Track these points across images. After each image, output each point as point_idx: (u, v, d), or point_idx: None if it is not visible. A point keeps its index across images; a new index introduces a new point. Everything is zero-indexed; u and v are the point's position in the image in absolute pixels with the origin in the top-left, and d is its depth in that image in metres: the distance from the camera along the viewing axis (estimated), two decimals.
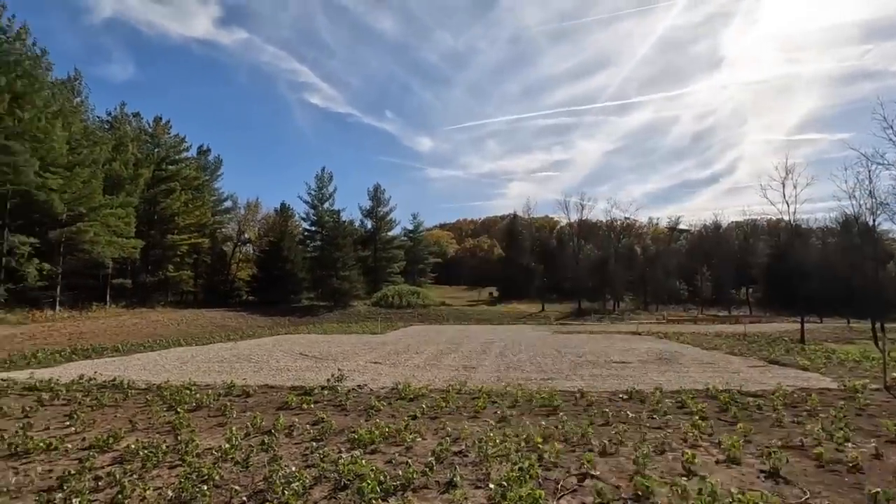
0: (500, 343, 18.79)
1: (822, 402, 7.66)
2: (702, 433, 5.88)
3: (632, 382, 9.40)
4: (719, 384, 8.94)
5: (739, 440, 5.34)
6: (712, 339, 19.68)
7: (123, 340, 22.87)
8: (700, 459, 4.88)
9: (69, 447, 5.45)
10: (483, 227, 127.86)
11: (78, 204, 29.58)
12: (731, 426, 6.31)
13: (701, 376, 10.35)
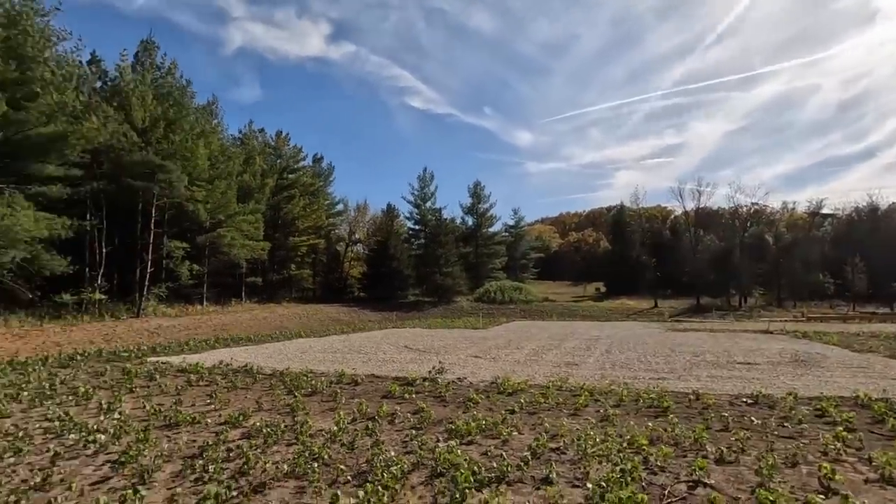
0: (606, 340, 17.90)
1: None
2: (847, 446, 5.06)
3: (759, 386, 8.38)
4: (873, 392, 7.62)
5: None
6: (867, 339, 16.83)
7: (255, 331, 25.75)
8: (843, 476, 4.20)
9: (209, 422, 6.27)
10: (588, 219, 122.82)
11: (217, 212, 33.80)
12: (887, 441, 5.35)
13: (849, 382, 8.91)
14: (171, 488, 4.15)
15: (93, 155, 25.86)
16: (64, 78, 22.96)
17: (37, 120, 19.79)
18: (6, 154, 21.02)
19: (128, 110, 27.81)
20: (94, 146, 24.93)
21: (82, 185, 25.16)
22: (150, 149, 27.94)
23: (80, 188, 24.92)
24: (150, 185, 27.79)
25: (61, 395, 7.94)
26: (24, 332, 19.73)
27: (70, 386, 8.71)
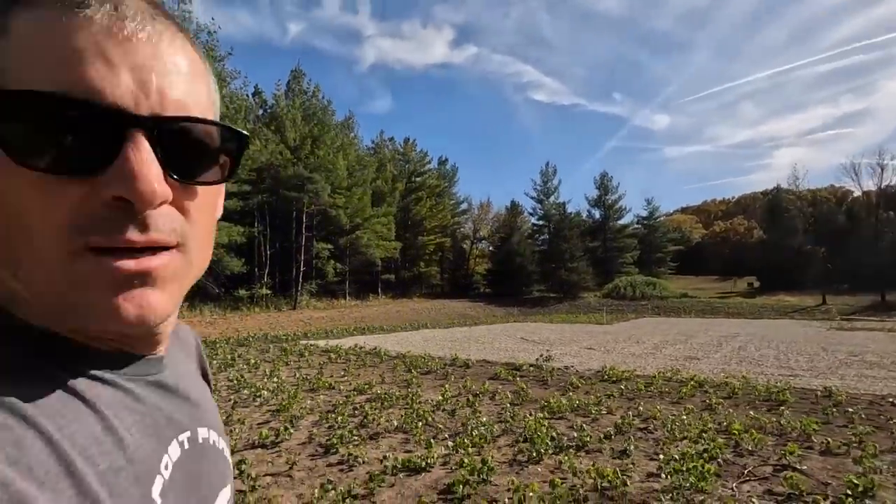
0: (745, 337, 16.30)
1: None
2: None
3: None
4: None
5: None
6: None
7: (388, 323, 28.28)
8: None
9: (341, 388, 7.55)
10: (738, 206, 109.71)
11: (355, 216, 37.65)
12: None
13: None
14: (310, 430, 5.32)
15: (257, 172, 30.78)
16: (236, 111, 27.78)
17: None
18: None
19: (282, 132, 32.52)
20: (258, 165, 29.66)
21: (251, 198, 30.10)
22: (300, 163, 32.31)
23: (249, 201, 29.86)
24: (301, 195, 32.11)
25: (238, 364, 10.08)
26: (213, 319, 24.41)
27: (244, 359, 10.94)
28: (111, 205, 0.31)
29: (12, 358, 0.32)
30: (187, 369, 0.50)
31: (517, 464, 4.31)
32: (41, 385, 0.32)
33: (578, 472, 3.90)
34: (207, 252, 0.39)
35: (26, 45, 0.31)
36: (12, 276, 0.32)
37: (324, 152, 33.93)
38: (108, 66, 0.31)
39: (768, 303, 43.99)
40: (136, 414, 0.37)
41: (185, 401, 0.44)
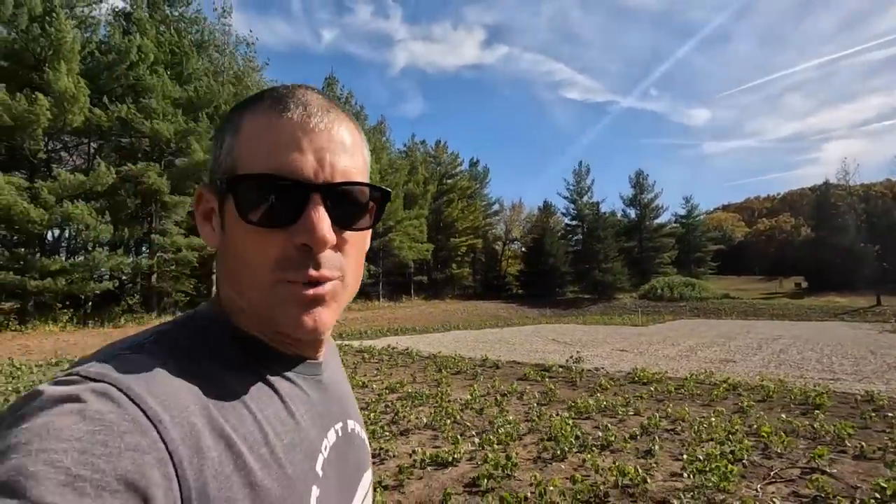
0: (787, 340, 15.73)
1: None
2: None
3: None
4: None
5: None
6: None
7: (421, 324, 28.61)
8: None
9: (374, 387, 7.84)
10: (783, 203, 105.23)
11: (388, 219, 38.24)
12: None
13: None
14: None
15: None
16: None
17: None
18: None
19: None
20: None
21: None
22: None
23: None
24: None
25: None
26: None
27: None
28: (299, 249, 0.45)
29: (235, 356, 0.47)
30: (338, 371, 0.64)
31: (541, 461, 4.44)
32: (250, 376, 0.46)
33: (601, 469, 4.00)
34: (359, 278, 0.52)
35: (250, 140, 0.46)
36: (238, 294, 0.48)
37: None
38: (299, 151, 0.45)
39: (817, 304, 42.00)
40: (306, 404, 0.51)
41: (337, 397, 0.58)
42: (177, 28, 25.09)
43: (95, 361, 0.39)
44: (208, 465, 0.37)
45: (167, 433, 0.35)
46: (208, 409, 0.40)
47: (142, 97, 21.32)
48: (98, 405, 0.33)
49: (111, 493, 0.30)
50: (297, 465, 0.45)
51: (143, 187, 20.97)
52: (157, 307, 23.44)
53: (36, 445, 0.30)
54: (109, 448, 0.31)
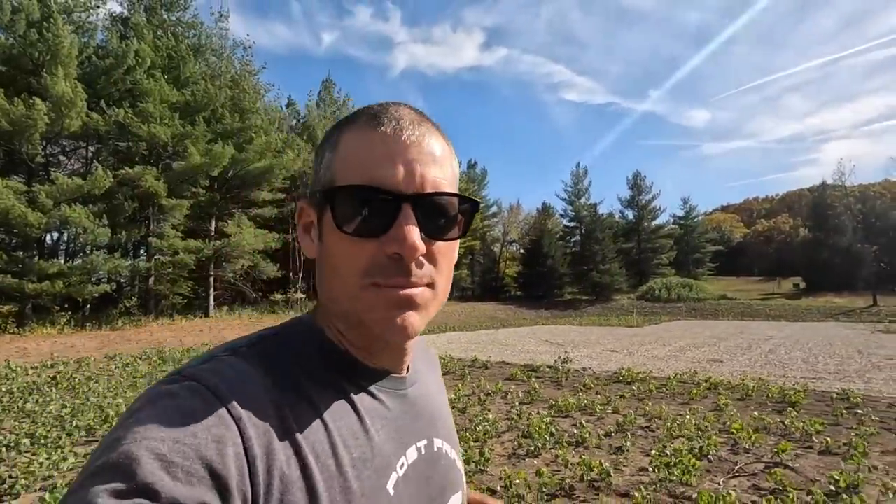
0: (778, 340, 15.85)
1: None
2: None
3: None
4: None
5: None
6: None
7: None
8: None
9: None
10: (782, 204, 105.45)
11: None
12: None
13: None
14: None
15: (291, 180, 31.90)
16: (270, 122, 28.98)
17: (253, 158, 25.44)
18: (235, 186, 27.44)
19: (314, 141, 33.58)
20: (292, 173, 30.71)
21: (285, 206, 31.21)
22: None
23: (283, 208, 30.95)
24: None
25: None
26: (251, 322, 25.46)
27: None
28: (391, 257, 0.46)
29: (319, 367, 0.49)
30: (431, 387, 0.63)
31: (515, 457, 4.57)
32: (330, 387, 0.48)
33: (570, 464, 4.13)
34: (447, 288, 0.53)
35: (346, 155, 0.48)
36: (332, 301, 0.50)
37: None
38: (391, 163, 0.46)
39: (814, 304, 42.10)
40: (384, 419, 0.51)
41: (424, 414, 0.57)
42: (174, 32, 25.28)
43: (196, 363, 0.44)
44: (276, 467, 0.39)
45: (245, 430, 0.38)
46: (283, 414, 0.42)
47: (139, 101, 21.50)
48: (190, 402, 0.38)
49: (198, 479, 0.34)
50: (364, 480, 0.45)
51: (141, 191, 21.12)
52: (155, 309, 23.57)
53: (140, 434, 0.35)
54: (198, 439, 0.36)
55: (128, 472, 0.33)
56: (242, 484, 0.36)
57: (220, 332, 20.31)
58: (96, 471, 0.34)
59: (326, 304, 0.52)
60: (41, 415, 6.14)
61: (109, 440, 0.36)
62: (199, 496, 0.34)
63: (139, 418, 0.37)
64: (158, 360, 11.35)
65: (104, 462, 0.34)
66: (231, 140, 24.56)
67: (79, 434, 5.38)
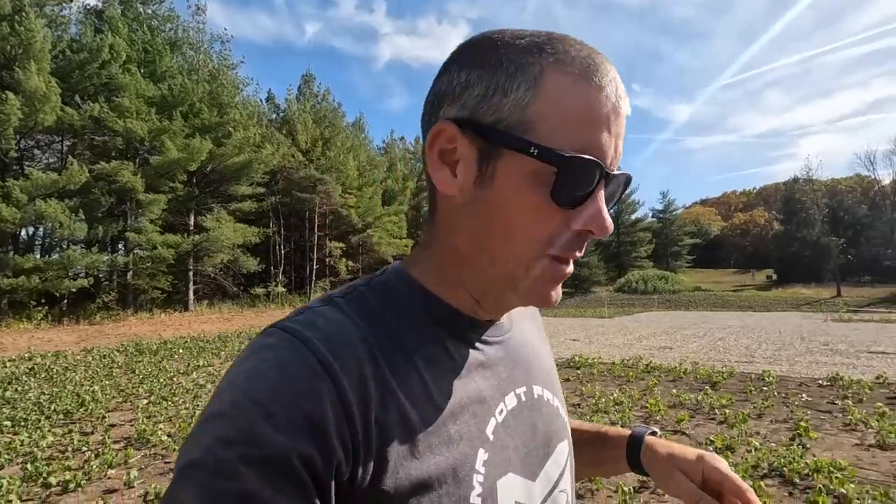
0: (735, 329, 16.75)
1: None
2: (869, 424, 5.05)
3: (858, 372, 7.84)
4: None
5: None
6: None
7: None
8: (818, 435, 4.48)
9: None
10: (759, 198, 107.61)
11: (366, 215, 38.70)
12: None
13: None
14: None
15: (271, 175, 32.00)
16: (248, 117, 29.05)
17: (231, 152, 25.56)
18: (213, 180, 27.54)
19: (294, 135, 33.71)
20: (271, 168, 30.84)
21: (265, 200, 31.34)
22: (312, 165, 33.46)
23: (263, 202, 31.09)
24: (312, 196, 33.28)
25: None
26: (231, 316, 25.72)
27: None
28: (579, 233, 0.44)
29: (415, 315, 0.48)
30: (528, 335, 0.61)
31: None
32: (426, 335, 0.47)
33: None
34: None
35: (559, 105, 0.42)
36: (482, 253, 0.46)
37: (335, 154, 35.02)
38: (609, 135, 0.43)
39: (782, 295, 43.64)
40: (481, 366, 0.50)
41: (521, 361, 0.55)
42: (150, 26, 25.21)
43: (293, 315, 0.45)
44: (372, 414, 0.39)
45: (339, 380, 0.39)
46: (378, 362, 0.42)
47: (115, 96, 21.51)
48: (285, 354, 0.39)
49: (297, 427, 0.36)
50: (461, 425, 0.45)
51: (117, 185, 21.19)
52: (134, 304, 23.71)
53: (244, 385, 0.38)
54: (292, 389, 0.37)
55: (234, 421, 0.35)
56: (340, 432, 0.37)
57: (200, 325, 20.59)
58: (208, 419, 0.37)
59: (468, 257, 0.48)
60: (20, 401, 6.55)
61: (219, 389, 0.39)
62: (298, 445, 0.35)
63: (243, 369, 0.39)
64: (135, 352, 11.72)
65: (214, 411, 0.37)
66: (209, 135, 24.65)
67: (57, 417, 5.83)
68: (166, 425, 5.42)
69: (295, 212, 35.04)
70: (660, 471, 0.62)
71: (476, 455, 0.45)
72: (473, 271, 0.48)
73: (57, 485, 3.81)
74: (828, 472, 3.54)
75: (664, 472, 0.62)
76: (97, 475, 4.05)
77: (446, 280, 0.49)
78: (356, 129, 43.38)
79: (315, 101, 37.19)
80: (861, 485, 3.46)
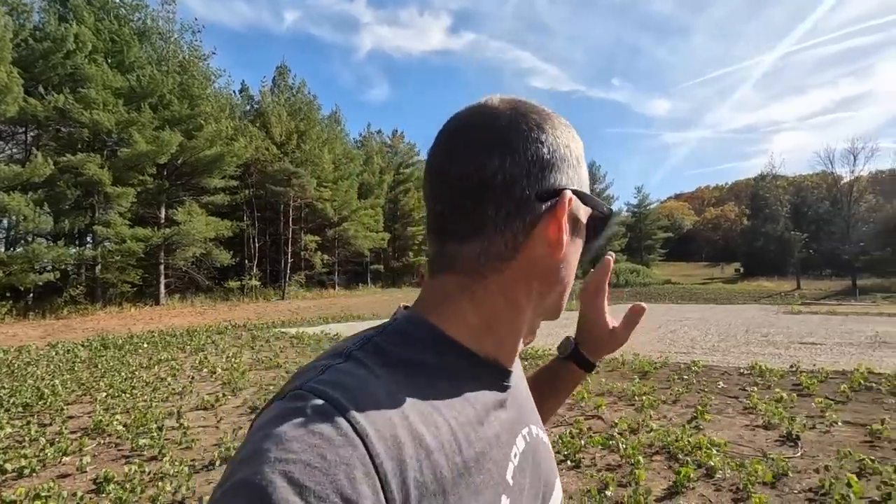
0: (690, 322, 17.58)
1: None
2: (772, 408, 5.65)
3: (780, 361, 8.53)
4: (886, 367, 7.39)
5: (781, 410, 5.15)
6: None
7: (372, 311, 29.54)
8: (723, 421, 5.04)
9: (289, 367, 8.84)
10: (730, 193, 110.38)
11: (342, 209, 38.76)
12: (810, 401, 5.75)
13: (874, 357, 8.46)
14: (247, 398, 6.60)
15: (245, 168, 31.80)
16: (220, 109, 28.78)
17: (203, 145, 25.37)
18: (185, 173, 27.29)
19: (268, 127, 33.50)
20: (245, 161, 30.65)
21: (238, 193, 31.15)
22: (287, 158, 33.34)
23: (236, 195, 30.90)
24: (287, 189, 33.21)
25: (208, 349, 11.36)
26: (203, 310, 25.65)
27: (216, 344, 12.23)
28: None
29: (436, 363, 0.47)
30: (520, 376, 0.61)
31: None
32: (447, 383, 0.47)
33: None
34: None
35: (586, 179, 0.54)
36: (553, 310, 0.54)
37: (309, 147, 34.91)
38: None
39: (747, 288, 45.35)
40: (497, 410, 0.50)
41: (522, 402, 0.57)
42: (117, 15, 24.76)
43: (314, 375, 0.42)
44: (410, 476, 0.38)
45: (373, 447, 0.37)
46: (409, 420, 0.41)
47: (80, 87, 21.16)
48: (316, 421, 0.37)
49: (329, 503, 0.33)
50: (485, 473, 0.45)
51: (84, 178, 20.92)
52: (103, 298, 23.49)
53: (273, 454, 0.35)
54: (327, 461, 0.35)
55: (263, 495, 0.33)
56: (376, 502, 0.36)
57: (171, 319, 20.59)
58: (233, 487, 0.35)
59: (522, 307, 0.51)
60: None
61: (245, 455, 0.37)
62: None
63: (269, 435, 0.37)
64: (100, 347, 11.84)
65: (241, 479, 0.35)
66: (179, 127, 24.43)
67: (16, 410, 6.06)
68: (123, 416, 5.72)
69: (269, 205, 34.91)
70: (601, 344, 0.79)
71: (500, 502, 0.45)
72: (520, 320, 0.51)
73: (12, 471, 4.11)
74: (705, 449, 4.08)
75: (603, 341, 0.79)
76: (52, 462, 4.35)
77: (480, 329, 0.50)
78: (332, 122, 43.23)
79: (290, 93, 36.94)
80: (732, 458, 4.01)
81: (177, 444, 4.77)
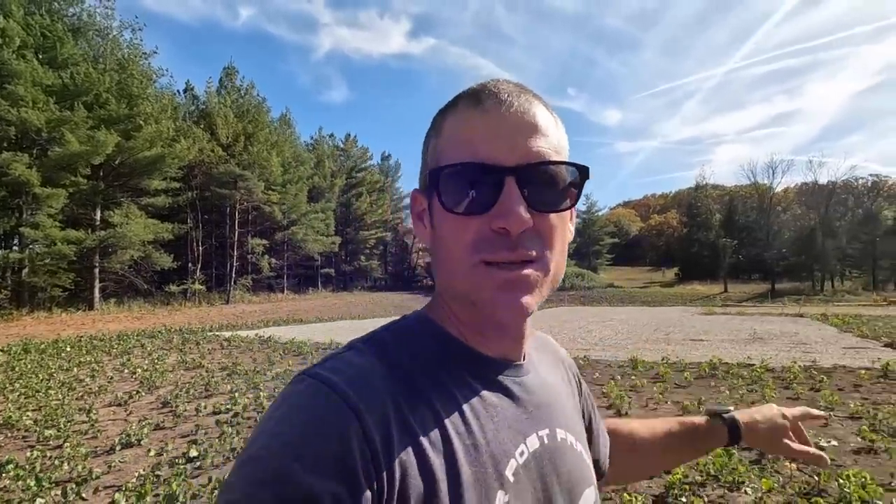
0: (612, 322, 18.96)
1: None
2: (642, 396, 6.62)
3: (660, 354, 9.68)
4: (772, 360, 8.62)
5: (624, 395, 6.11)
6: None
7: (319, 315, 29.62)
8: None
9: (211, 367, 9.21)
10: (674, 201, 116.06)
11: (291, 212, 38.62)
12: (685, 390, 6.79)
13: (762, 351, 9.78)
14: (161, 395, 7.00)
15: (188, 169, 31.20)
16: (162, 109, 28.23)
17: (142, 146, 24.86)
18: (123, 174, 26.59)
19: (214, 129, 33.03)
20: (188, 162, 30.09)
21: (181, 195, 30.52)
22: (233, 160, 32.96)
23: (179, 198, 30.28)
24: (233, 192, 32.84)
25: (135, 352, 11.50)
26: (141, 315, 25.05)
27: (144, 347, 12.34)
28: (497, 232, 0.46)
29: (433, 357, 0.50)
30: (549, 377, 0.62)
31: None
32: (442, 377, 0.49)
33: None
34: (562, 264, 0.51)
35: (450, 137, 0.50)
36: (447, 284, 0.52)
37: (257, 149, 34.64)
38: (493, 137, 0.47)
39: (681, 292, 48.27)
40: (499, 407, 0.50)
41: (542, 403, 0.55)
42: (49, 10, 23.96)
43: (319, 363, 0.47)
44: (395, 453, 0.41)
45: (364, 420, 0.41)
46: (398, 404, 0.44)
47: (7, 83, 20.40)
48: (312, 398, 0.42)
49: (326, 467, 0.38)
50: (478, 466, 0.45)
51: (10, 178, 20.16)
52: (31, 302, 22.60)
53: (274, 430, 0.40)
54: (321, 431, 0.39)
55: (265, 462, 0.38)
56: (367, 471, 0.39)
57: (106, 325, 20.11)
58: (242, 463, 0.39)
59: (442, 288, 0.54)
60: None
61: (253, 437, 0.41)
62: (328, 483, 0.37)
63: (273, 416, 0.42)
64: (21, 352, 11.70)
65: (248, 455, 0.40)
66: (116, 127, 23.87)
67: None
68: (34, 413, 6.02)
69: (215, 207, 34.40)
70: (766, 443, 0.80)
71: (495, 498, 0.45)
72: (452, 298, 0.53)
73: None
74: None
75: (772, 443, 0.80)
76: None
77: (448, 318, 0.54)
78: (282, 124, 42.98)
79: (238, 94, 36.53)
80: None
81: (82, 434, 5.18)
